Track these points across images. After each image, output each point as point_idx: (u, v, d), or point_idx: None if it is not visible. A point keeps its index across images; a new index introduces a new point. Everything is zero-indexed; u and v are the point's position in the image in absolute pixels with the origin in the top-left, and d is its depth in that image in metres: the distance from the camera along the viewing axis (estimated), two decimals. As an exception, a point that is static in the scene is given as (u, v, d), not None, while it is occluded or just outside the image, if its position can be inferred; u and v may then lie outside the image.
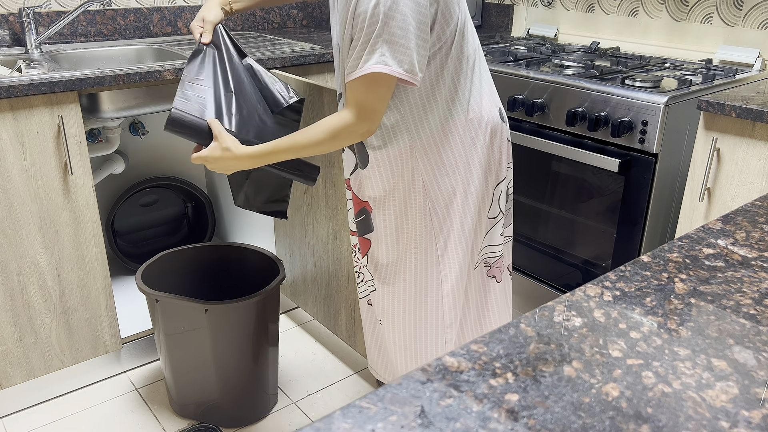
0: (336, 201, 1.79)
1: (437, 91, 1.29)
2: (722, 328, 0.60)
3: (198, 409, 1.78)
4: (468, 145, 1.34)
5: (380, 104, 1.22)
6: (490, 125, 1.36)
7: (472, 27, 1.34)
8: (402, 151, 1.34)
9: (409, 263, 1.42)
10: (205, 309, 1.60)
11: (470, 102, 1.33)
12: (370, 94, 1.21)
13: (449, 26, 1.24)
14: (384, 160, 1.36)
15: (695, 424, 0.48)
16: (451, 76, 1.29)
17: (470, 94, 1.33)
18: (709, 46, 2.10)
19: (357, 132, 1.25)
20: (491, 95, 1.38)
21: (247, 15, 2.53)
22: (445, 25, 1.24)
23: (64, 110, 1.62)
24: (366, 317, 1.63)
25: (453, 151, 1.34)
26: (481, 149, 1.36)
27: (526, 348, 0.57)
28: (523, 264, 2.10)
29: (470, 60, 1.32)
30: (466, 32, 1.30)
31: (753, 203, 0.90)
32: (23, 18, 1.96)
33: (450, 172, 1.35)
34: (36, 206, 1.65)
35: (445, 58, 1.27)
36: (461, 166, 1.35)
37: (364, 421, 0.47)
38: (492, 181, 1.40)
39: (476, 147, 1.35)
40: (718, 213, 1.61)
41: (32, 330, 1.74)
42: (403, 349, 1.51)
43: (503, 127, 1.40)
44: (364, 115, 1.23)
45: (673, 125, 1.66)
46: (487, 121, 1.35)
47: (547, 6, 2.53)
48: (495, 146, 1.38)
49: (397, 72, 1.17)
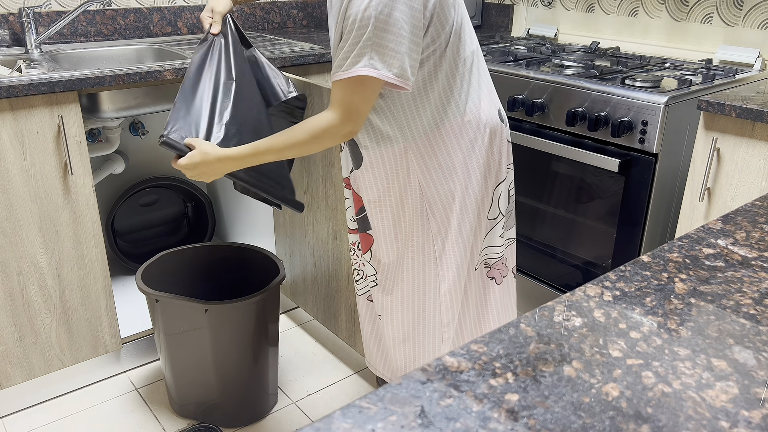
0: (336, 201, 1.79)
1: (430, 92, 1.28)
2: (722, 328, 0.60)
3: (198, 409, 1.78)
4: (466, 147, 1.34)
5: (365, 106, 1.22)
6: (489, 127, 1.35)
7: (470, 29, 1.33)
8: (396, 153, 1.33)
9: (407, 263, 1.42)
10: (205, 309, 1.60)
11: (467, 104, 1.32)
12: (355, 95, 1.20)
13: (444, 29, 1.24)
14: (378, 160, 1.36)
15: (695, 424, 0.48)
16: (445, 78, 1.28)
17: (467, 95, 1.32)
18: (709, 46, 2.10)
19: (339, 133, 1.24)
20: (490, 97, 1.38)
21: (247, 15, 2.53)
22: (440, 28, 1.23)
23: (64, 110, 1.62)
24: (365, 313, 1.64)
25: (450, 153, 1.33)
26: (480, 151, 1.35)
27: (526, 348, 0.57)
28: (523, 264, 2.10)
29: (467, 62, 1.31)
30: (463, 34, 1.29)
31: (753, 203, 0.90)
32: (23, 18, 1.96)
33: (447, 174, 1.34)
34: (36, 206, 1.65)
35: (440, 59, 1.26)
36: (459, 168, 1.34)
37: (364, 421, 0.47)
38: (492, 182, 1.40)
39: (475, 149, 1.34)
40: (718, 213, 1.61)
41: (32, 330, 1.74)
42: (402, 345, 1.52)
43: (503, 128, 1.39)
44: (348, 116, 1.22)
45: (673, 125, 1.66)
46: (485, 123, 1.35)
47: (547, 6, 2.53)
48: (494, 148, 1.38)
49: (386, 76, 1.16)
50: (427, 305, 1.45)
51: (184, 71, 1.77)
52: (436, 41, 1.24)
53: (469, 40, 1.32)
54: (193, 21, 2.40)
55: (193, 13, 2.39)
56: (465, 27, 1.30)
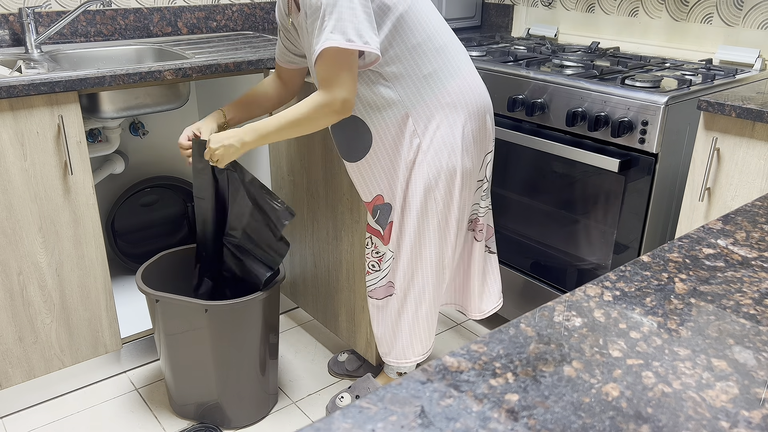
0: (336, 201, 1.79)
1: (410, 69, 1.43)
2: (722, 328, 0.60)
3: (198, 409, 1.78)
4: (457, 124, 1.47)
5: (343, 75, 1.33)
6: (478, 104, 1.51)
7: (428, 12, 1.45)
8: (399, 119, 1.46)
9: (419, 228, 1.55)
10: (205, 309, 1.60)
11: (455, 79, 1.47)
12: (330, 68, 1.33)
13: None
14: (384, 129, 1.48)
15: (695, 424, 0.48)
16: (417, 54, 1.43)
17: (449, 74, 1.46)
18: (709, 46, 2.10)
19: (332, 105, 1.36)
20: (472, 75, 1.52)
21: (247, 15, 2.53)
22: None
23: (64, 110, 1.62)
24: (377, 308, 1.65)
25: (450, 122, 1.47)
26: (472, 126, 1.50)
27: (526, 348, 0.57)
28: (523, 264, 2.10)
29: (434, 41, 1.44)
30: (417, 13, 1.42)
31: (753, 203, 0.90)
32: (23, 18, 1.96)
33: (448, 142, 1.47)
34: (36, 206, 1.65)
35: (397, 32, 1.40)
36: (458, 136, 1.48)
37: (364, 421, 0.47)
38: (482, 154, 1.57)
39: (468, 125, 1.49)
40: (718, 213, 1.61)
41: (32, 330, 1.74)
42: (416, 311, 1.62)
43: (489, 105, 1.56)
44: (330, 87, 1.35)
45: (673, 125, 1.66)
46: (474, 100, 1.50)
47: (547, 6, 2.53)
48: (488, 123, 1.55)
49: (344, 43, 1.28)
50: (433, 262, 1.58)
51: (184, 71, 1.77)
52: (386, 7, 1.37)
53: (429, 22, 1.45)
54: (193, 21, 2.40)
55: (193, 13, 2.39)
56: (420, 9, 1.43)
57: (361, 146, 1.50)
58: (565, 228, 1.94)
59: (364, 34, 1.29)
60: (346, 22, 1.28)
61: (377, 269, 1.62)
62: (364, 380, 1.86)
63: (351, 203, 1.73)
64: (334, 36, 1.28)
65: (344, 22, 1.28)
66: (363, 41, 1.29)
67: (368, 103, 1.45)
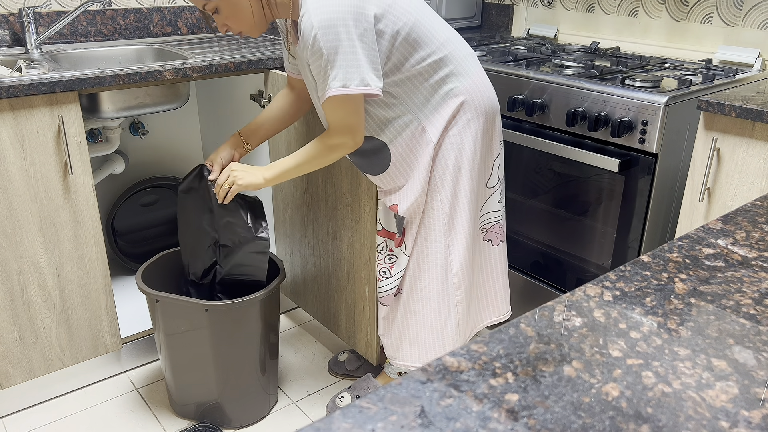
0: (336, 201, 1.79)
1: (418, 76, 1.43)
2: (722, 328, 0.60)
3: (198, 409, 1.78)
4: (472, 122, 1.48)
5: (350, 118, 1.39)
6: (486, 106, 1.50)
7: (431, 23, 1.44)
8: (414, 132, 1.48)
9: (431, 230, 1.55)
10: (205, 309, 1.60)
11: (462, 82, 1.47)
12: (336, 114, 1.38)
13: (397, 25, 1.37)
14: (404, 149, 1.49)
15: (695, 424, 0.48)
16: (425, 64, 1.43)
17: (456, 80, 1.46)
18: (709, 46, 2.10)
19: (344, 147, 1.43)
20: (480, 77, 1.52)
21: (247, 15, 2.53)
22: (395, 18, 1.36)
23: (64, 110, 1.62)
24: (388, 309, 1.65)
25: (460, 128, 1.47)
26: (479, 127, 1.49)
27: (526, 348, 0.57)
28: (523, 264, 2.10)
29: (440, 51, 1.43)
30: (422, 28, 1.41)
31: (753, 203, 0.90)
32: (23, 18, 1.96)
33: (458, 147, 1.48)
34: (36, 206, 1.65)
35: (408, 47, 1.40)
36: (466, 142, 1.48)
37: (364, 421, 0.47)
38: (490, 157, 1.57)
39: (474, 126, 1.49)
40: (718, 213, 1.61)
41: (32, 330, 1.74)
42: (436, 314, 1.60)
43: (497, 107, 1.56)
44: (339, 130, 1.40)
45: (673, 125, 1.66)
46: (483, 102, 1.50)
47: (547, 6, 2.53)
48: (496, 126, 1.55)
49: (350, 90, 1.32)
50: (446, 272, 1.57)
51: (184, 71, 1.77)
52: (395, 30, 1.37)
53: (435, 34, 1.44)
54: (193, 21, 2.40)
55: (193, 13, 2.39)
56: (422, 25, 1.42)
57: (380, 163, 1.52)
58: (565, 228, 1.94)
59: (366, 77, 1.32)
60: (349, 69, 1.30)
61: (388, 276, 1.62)
62: (364, 380, 1.86)
63: (351, 203, 1.73)
64: (335, 84, 1.32)
65: (346, 69, 1.30)
66: (364, 84, 1.32)
67: (381, 121, 1.46)
